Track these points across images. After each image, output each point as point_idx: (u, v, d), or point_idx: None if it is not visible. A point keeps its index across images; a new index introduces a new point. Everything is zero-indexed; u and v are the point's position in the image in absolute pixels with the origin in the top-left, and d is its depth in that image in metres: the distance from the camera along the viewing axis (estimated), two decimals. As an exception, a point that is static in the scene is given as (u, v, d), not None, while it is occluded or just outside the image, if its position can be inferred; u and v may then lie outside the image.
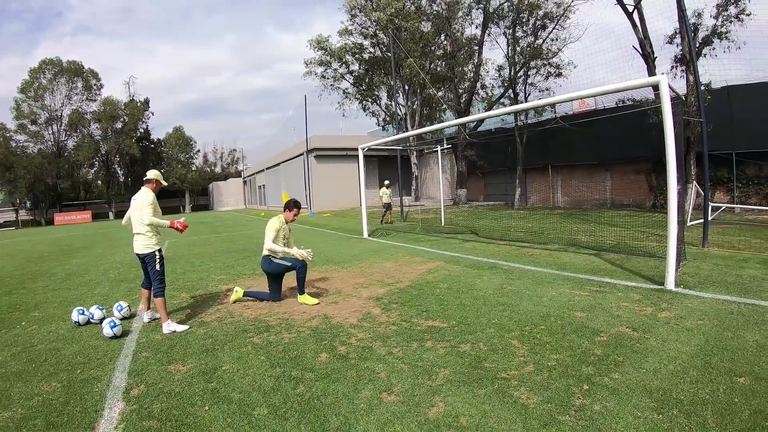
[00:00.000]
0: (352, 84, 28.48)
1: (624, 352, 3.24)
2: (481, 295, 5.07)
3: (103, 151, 46.51)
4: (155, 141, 54.87)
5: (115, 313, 4.75)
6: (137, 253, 4.48)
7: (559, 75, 20.13)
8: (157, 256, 4.40)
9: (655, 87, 5.21)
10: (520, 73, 20.60)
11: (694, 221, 10.04)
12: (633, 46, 13.86)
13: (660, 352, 3.22)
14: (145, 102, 50.29)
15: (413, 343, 3.64)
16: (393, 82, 21.54)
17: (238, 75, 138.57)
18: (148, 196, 4.39)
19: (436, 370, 3.11)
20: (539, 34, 19.71)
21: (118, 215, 43.75)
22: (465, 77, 24.21)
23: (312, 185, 27.61)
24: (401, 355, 3.42)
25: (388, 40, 22.30)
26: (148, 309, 4.74)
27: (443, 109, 27.63)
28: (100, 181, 50.67)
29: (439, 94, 26.04)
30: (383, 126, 31.26)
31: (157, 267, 4.39)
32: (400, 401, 2.70)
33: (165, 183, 4.74)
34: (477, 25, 22.62)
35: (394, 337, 3.83)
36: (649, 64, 13.72)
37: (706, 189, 8.12)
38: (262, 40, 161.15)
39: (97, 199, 49.71)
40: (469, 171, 25.28)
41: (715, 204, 11.77)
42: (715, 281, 5.15)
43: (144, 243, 4.38)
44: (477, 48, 23.01)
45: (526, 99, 20.38)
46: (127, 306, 4.95)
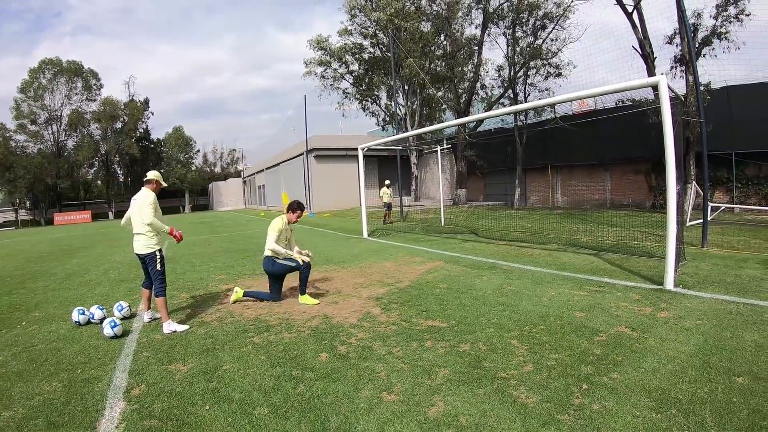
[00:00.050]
0: (351, 84, 28.51)
1: (623, 352, 3.25)
2: (480, 295, 5.08)
3: (103, 151, 46.54)
4: (155, 141, 54.92)
5: (116, 313, 4.76)
6: (137, 254, 4.49)
7: (558, 75, 20.14)
8: (157, 256, 4.42)
9: (655, 87, 5.22)
10: (520, 73, 20.60)
11: (694, 221, 10.05)
12: (632, 47, 13.88)
13: (659, 351, 3.23)
14: (145, 102, 50.33)
15: (413, 343, 3.65)
16: (393, 82, 21.54)
17: (237, 75, 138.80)
18: (149, 197, 4.41)
19: (436, 369, 3.12)
20: (539, 34, 19.71)
21: (117, 215, 43.74)
22: (465, 77, 24.21)
23: (312, 185, 27.63)
24: (401, 354, 3.43)
25: (387, 40, 22.32)
26: (149, 309, 4.75)
27: (443, 109, 27.65)
28: (100, 181, 50.67)
29: (439, 94, 26.05)
30: (383, 126, 31.30)
31: (157, 267, 4.40)
32: (400, 400, 2.71)
33: (165, 184, 4.76)
34: (477, 26, 22.66)
35: (394, 336, 3.84)
36: (649, 65, 13.73)
37: (705, 189, 8.13)
38: (262, 40, 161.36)
39: (97, 199, 49.73)
40: (468, 171, 25.29)
41: (714, 204, 11.79)
42: (714, 281, 5.17)
43: (144, 243, 4.40)
44: (477, 48, 23.02)
45: (526, 99, 20.37)
46: (128, 306, 4.96)
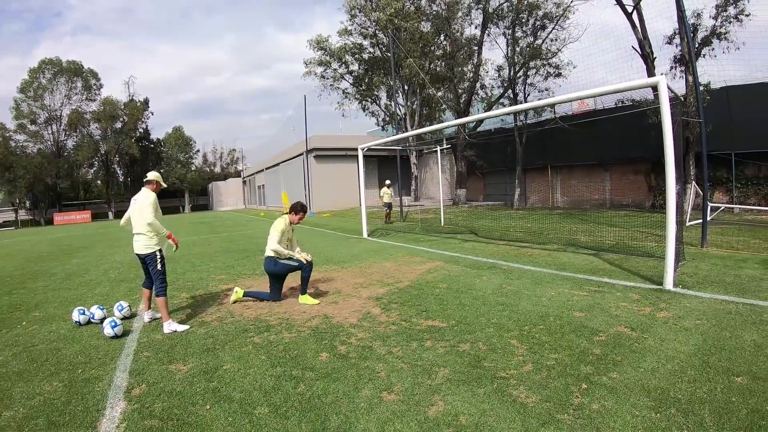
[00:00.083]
0: (351, 84, 28.52)
1: (622, 352, 3.26)
2: (480, 295, 5.09)
3: (103, 151, 46.50)
4: (155, 141, 54.88)
5: (116, 313, 4.77)
6: (137, 254, 4.49)
7: (558, 75, 20.17)
8: (158, 256, 4.42)
9: (654, 88, 5.23)
10: (520, 73, 20.62)
11: (693, 221, 10.06)
12: (632, 47, 13.90)
13: (658, 351, 3.24)
14: (145, 102, 50.29)
15: (413, 343, 3.66)
16: (392, 82, 21.55)
17: (237, 75, 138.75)
18: (149, 197, 4.43)
19: (436, 369, 3.13)
20: (539, 34, 19.73)
21: (117, 215, 43.70)
22: (464, 77, 24.23)
23: (311, 185, 27.62)
24: (401, 354, 3.44)
25: (387, 41, 22.32)
26: (149, 309, 4.75)
27: (443, 109, 27.66)
28: (100, 181, 50.61)
29: (439, 95, 26.05)
30: (383, 126, 31.30)
31: (158, 267, 4.41)
32: (400, 400, 2.71)
33: (164, 185, 4.79)
34: (476, 26, 22.69)
35: (394, 336, 3.85)
36: (649, 65, 13.75)
37: (704, 189, 8.14)
38: (262, 40, 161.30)
39: (97, 199, 49.71)
40: (468, 171, 25.30)
41: (714, 204, 11.81)
42: (714, 281, 5.18)
43: (145, 243, 4.40)
44: (476, 48, 23.04)
45: (526, 99, 20.39)
46: (128, 306, 4.97)
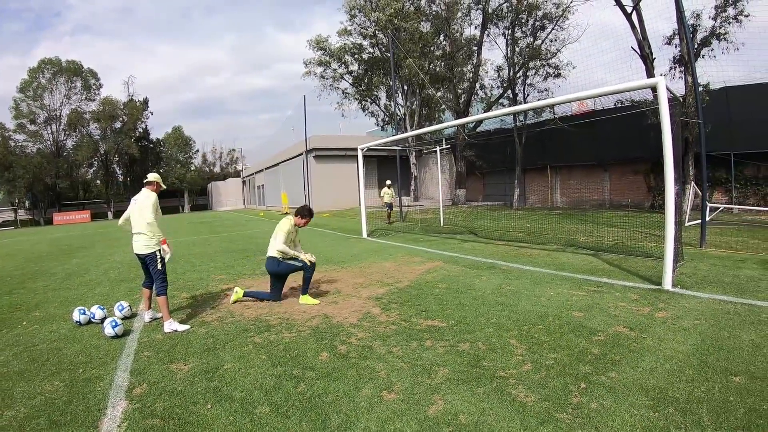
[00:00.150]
0: (351, 84, 28.54)
1: (621, 351, 3.28)
2: (479, 295, 5.10)
3: (102, 151, 46.48)
4: (154, 141, 54.86)
5: (116, 313, 4.78)
6: (137, 253, 4.51)
7: (558, 76, 20.16)
8: (158, 256, 4.44)
9: (654, 88, 5.25)
10: (519, 73, 20.63)
11: (692, 222, 10.09)
12: (632, 47, 13.91)
13: (657, 351, 3.26)
14: (144, 102, 50.26)
15: (413, 343, 3.68)
16: (392, 83, 21.55)
17: (237, 75, 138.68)
18: (151, 196, 4.47)
19: (436, 368, 3.14)
20: (538, 34, 19.74)
21: (117, 215, 43.62)
22: (464, 78, 24.23)
23: (311, 185, 27.63)
24: (401, 354, 3.45)
25: (387, 41, 22.34)
26: (149, 308, 4.76)
27: (442, 110, 27.68)
28: (99, 181, 50.58)
29: (438, 95, 26.07)
30: (382, 126, 31.32)
31: (158, 266, 4.43)
32: (400, 399, 2.73)
33: (164, 186, 4.82)
34: (476, 26, 22.69)
35: (394, 336, 3.86)
36: (648, 65, 13.76)
37: (703, 189, 8.16)
38: (262, 40, 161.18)
39: (96, 198, 49.72)
40: (468, 171, 25.32)
41: (713, 204, 11.83)
42: (712, 281, 5.19)
43: (145, 243, 4.42)
44: (476, 48, 23.04)
45: (525, 100, 20.39)
46: (128, 306, 4.98)
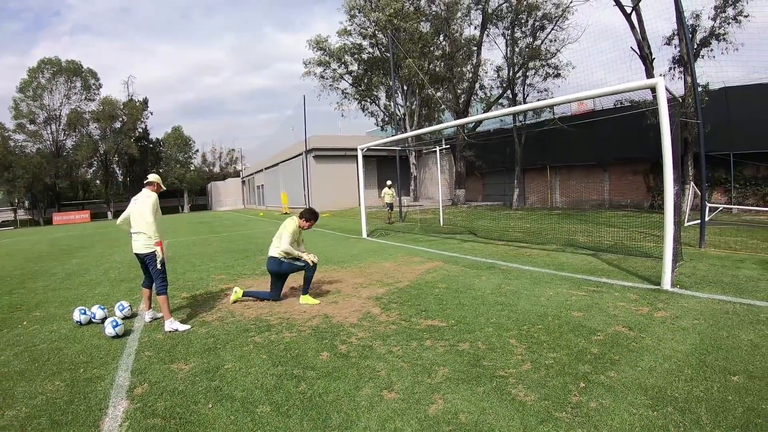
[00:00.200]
0: (350, 84, 28.54)
1: (620, 351, 3.29)
2: (479, 295, 5.12)
3: (102, 151, 46.43)
4: (154, 141, 54.83)
5: (117, 313, 4.79)
6: (137, 253, 4.52)
7: (557, 76, 20.18)
8: (157, 255, 4.45)
9: (653, 89, 5.26)
10: (519, 73, 20.65)
11: (692, 222, 10.10)
12: (631, 48, 13.92)
13: (655, 350, 3.27)
14: (144, 102, 50.23)
15: (413, 342, 3.69)
16: (392, 83, 21.56)
17: (236, 75, 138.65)
18: (151, 196, 4.49)
19: (436, 368, 3.15)
20: (538, 35, 19.76)
21: (116, 215, 43.44)
22: (464, 78, 24.25)
23: (311, 185, 27.63)
24: (401, 353, 3.46)
25: (386, 41, 22.34)
26: (150, 308, 4.77)
27: (442, 110, 27.69)
28: (99, 181, 50.54)
29: (438, 95, 26.08)
30: (382, 126, 31.32)
31: (158, 266, 4.44)
32: (400, 398, 2.74)
33: (164, 187, 4.85)
34: (476, 26, 22.72)
35: (394, 336, 3.87)
36: (647, 66, 13.78)
37: (703, 190, 8.17)
38: (261, 40, 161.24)
39: (96, 198, 49.66)
40: (467, 171, 25.33)
41: (712, 205, 11.84)
42: (711, 281, 5.21)
43: (144, 243, 4.43)
44: (476, 49, 23.06)
45: (525, 100, 20.42)
46: (129, 305, 4.99)
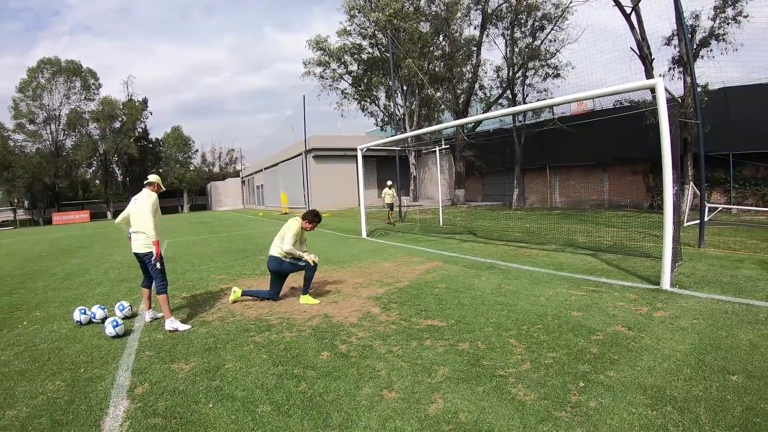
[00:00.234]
0: (350, 84, 28.53)
1: (619, 351, 3.30)
2: (479, 295, 5.13)
3: (102, 151, 46.36)
4: (153, 141, 54.76)
5: (117, 313, 4.79)
6: (136, 252, 4.53)
7: (557, 76, 20.20)
8: (153, 253, 4.46)
9: (653, 89, 5.27)
10: (518, 74, 20.66)
11: (691, 222, 10.12)
12: (630, 48, 13.93)
13: (655, 350, 3.28)
14: (144, 102, 50.16)
15: (413, 342, 3.70)
16: (391, 83, 21.58)
17: (236, 75, 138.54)
18: (152, 196, 4.51)
19: (436, 367, 3.16)
20: (537, 35, 19.77)
21: (116, 215, 43.30)
22: (463, 78, 24.27)
23: (310, 185, 27.64)
24: (401, 353, 3.47)
25: (386, 41, 22.35)
26: (150, 308, 4.78)
27: (441, 110, 27.70)
28: (98, 181, 50.47)
29: (438, 95, 26.09)
30: (381, 126, 31.32)
31: (157, 265, 4.45)
32: (400, 398, 2.75)
33: (164, 188, 4.86)
34: (475, 26, 22.76)
35: (394, 335, 3.88)
36: (647, 66, 13.80)
37: (702, 190, 8.18)
38: (261, 40, 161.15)
39: (95, 198, 49.65)
40: (467, 171, 25.35)
41: (711, 205, 11.86)
42: (711, 281, 5.22)
43: (144, 242, 4.44)
44: (475, 49, 23.09)
45: (525, 100, 20.44)
46: (129, 305, 4.99)
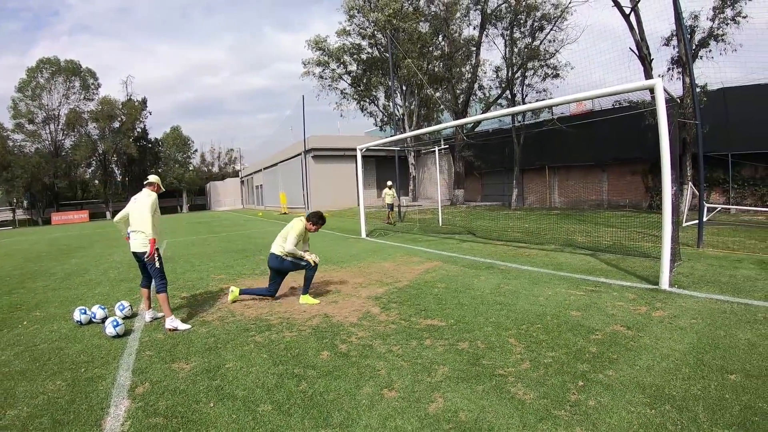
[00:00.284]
0: (349, 84, 28.54)
1: (618, 350, 3.32)
2: (478, 295, 5.14)
3: (101, 151, 46.30)
4: (153, 140, 54.70)
5: (117, 313, 4.80)
6: (135, 251, 4.54)
7: (556, 76, 20.21)
8: (155, 255, 4.47)
9: (651, 90, 5.29)
10: (518, 74, 20.68)
11: (690, 222, 10.14)
12: (630, 48, 13.94)
13: (653, 349, 3.30)
14: (143, 101, 50.10)
15: (412, 341, 3.71)
16: (391, 83, 21.60)
17: (235, 75, 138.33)
18: (152, 196, 4.53)
19: (436, 367, 3.17)
20: (537, 35, 19.79)
21: (115, 215, 43.15)
22: (462, 78, 24.28)
23: (310, 185, 27.64)
24: (401, 352, 3.48)
25: (385, 41, 22.36)
26: (150, 308, 4.78)
27: (441, 110, 27.72)
28: (98, 181, 50.43)
29: (437, 95, 26.10)
30: (381, 126, 31.33)
31: (156, 264, 4.47)
32: (400, 397, 2.76)
33: (163, 189, 4.88)
34: (475, 26, 22.73)
35: (394, 335, 3.89)
36: (646, 66, 13.82)
37: (701, 190, 8.20)
38: (261, 39, 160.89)
39: (94, 198, 49.62)
40: (466, 171, 25.37)
41: (710, 205, 11.88)
42: (709, 281, 5.24)
43: (143, 242, 4.45)
44: (475, 49, 23.09)
45: (524, 100, 20.46)
46: (129, 305, 5.00)
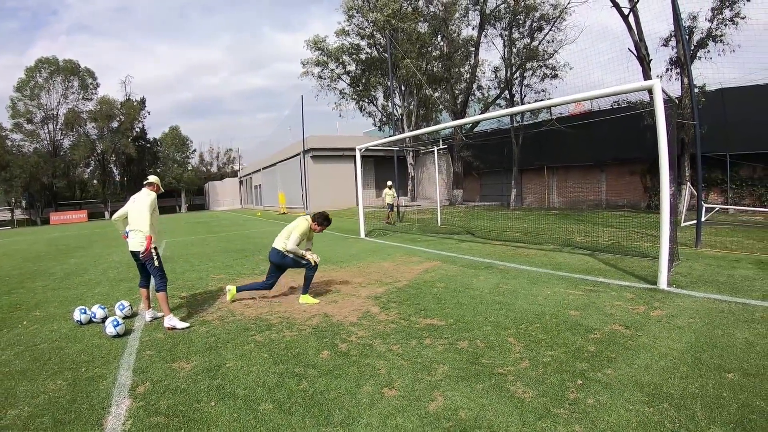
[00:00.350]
0: (348, 84, 28.53)
1: (617, 349, 3.34)
2: (477, 294, 5.16)
3: (99, 151, 46.22)
4: (151, 140, 54.66)
5: (117, 312, 4.80)
6: (133, 251, 4.55)
7: (555, 77, 20.26)
8: (153, 254, 4.48)
9: (650, 90, 5.31)
10: (516, 74, 20.72)
11: (688, 222, 10.17)
12: (628, 49, 13.97)
13: (652, 348, 3.32)
14: (142, 101, 50.07)
15: (412, 341, 3.72)
16: (389, 83, 21.62)
17: (234, 74, 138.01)
18: (151, 195, 4.55)
19: (435, 366, 3.19)
20: (535, 35, 19.84)
21: (114, 214, 43.39)
22: (461, 78, 24.32)
23: (308, 185, 27.64)
24: (401, 351, 3.50)
25: (384, 41, 22.39)
26: (149, 308, 4.79)
27: (439, 110, 27.74)
28: (96, 181, 50.33)
29: (436, 95, 26.12)
30: (380, 126, 31.33)
31: (155, 264, 4.48)
32: (400, 396, 2.78)
33: (162, 189, 4.90)
34: (474, 27, 22.79)
35: (394, 334, 3.91)
36: (645, 67, 13.84)
37: (699, 190, 8.23)
38: (260, 39, 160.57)
39: (93, 198, 49.56)
40: (465, 171, 25.39)
41: (708, 205, 11.92)
42: (707, 281, 5.27)
43: (141, 241, 4.45)
44: (473, 49, 23.13)
45: (522, 100, 20.50)
46: (129, 305, 5.01)
